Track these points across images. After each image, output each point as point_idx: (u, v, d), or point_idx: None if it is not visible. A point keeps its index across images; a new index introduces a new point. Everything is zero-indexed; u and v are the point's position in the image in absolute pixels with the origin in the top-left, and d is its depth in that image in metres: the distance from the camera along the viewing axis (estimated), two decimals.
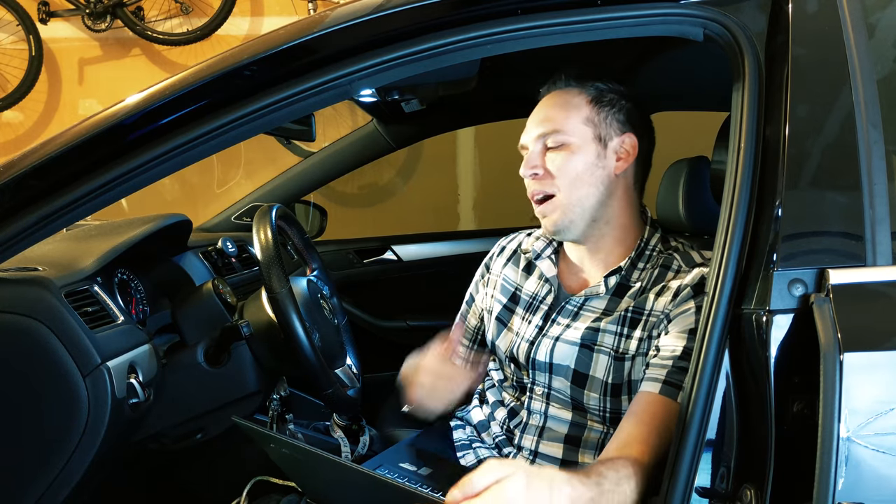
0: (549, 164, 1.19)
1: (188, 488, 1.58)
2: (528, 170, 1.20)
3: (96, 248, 1.32)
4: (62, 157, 0.98)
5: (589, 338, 1.18)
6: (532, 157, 1.20)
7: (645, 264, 1.21)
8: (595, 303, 1.21)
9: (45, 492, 1.07)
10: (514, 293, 1.34)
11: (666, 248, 1.23)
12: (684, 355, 1.07)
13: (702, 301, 1.05)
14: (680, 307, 1.12)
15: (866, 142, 0.89)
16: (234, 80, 0.99)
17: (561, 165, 1.18)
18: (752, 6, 0.99)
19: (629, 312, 1.17)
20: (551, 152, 1.19)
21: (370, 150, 2.27)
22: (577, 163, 1.18)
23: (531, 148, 1.21)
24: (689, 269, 1.16)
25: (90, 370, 1.07)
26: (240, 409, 1.30)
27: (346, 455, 1.35)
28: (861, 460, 0.79)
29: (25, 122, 3.75)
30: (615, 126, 1.21)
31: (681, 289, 1.13)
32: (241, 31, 3.60)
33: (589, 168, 1.18)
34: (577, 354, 1.18)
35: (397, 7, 0.98)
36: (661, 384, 1.07)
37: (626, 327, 1.17)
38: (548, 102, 1.23)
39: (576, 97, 1.21)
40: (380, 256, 2.46)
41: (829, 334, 0.79)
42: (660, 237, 1.25)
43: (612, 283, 1.20)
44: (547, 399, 1.23)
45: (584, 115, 1.20)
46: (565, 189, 1.18)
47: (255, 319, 1.28)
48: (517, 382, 1.29)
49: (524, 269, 1.35)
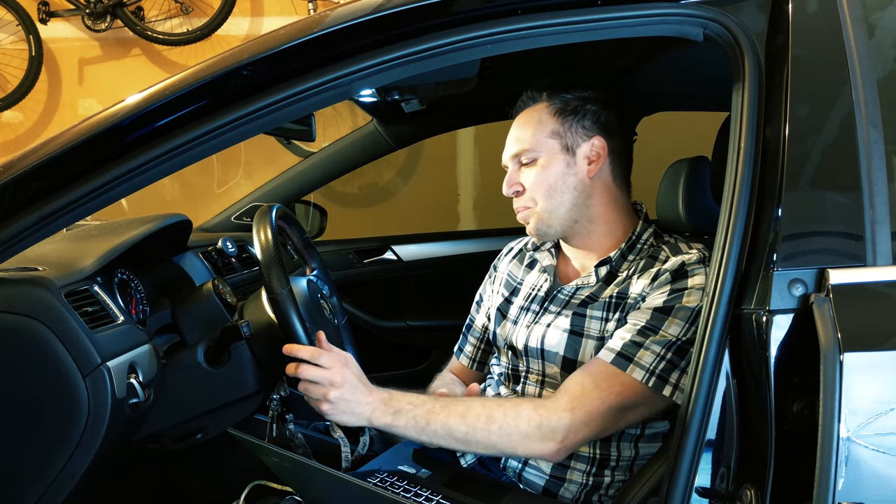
0: (525, 180, 1.28)
1: (188, 488, 1.58)
2: (508, 188, 1.30)
3: (96, 248, 1.32)
4: (62, 157, 0.98)
5: (577, 324, 1.23)
6: (511, 176, 1.30)
7: (635, 256, 1.26)
8: (585, 292, 1.26)
9: (46, 492, 1.07)
10: (515, 287, 1.40)
11: (658, 242, 1.27)
12: (644, 329, 1.12)
13: (680, 285, 1.14)
14: (656, 290, 1.16)
15: (866, 142, 0.89)
16: (234, 80, 0.99)
17: (535, 180, 1.26)
18: (752, 6, 0.99)
19: (613, 298, 1.22)
20: (525, 168, 1.28)
21: (370, 150, 2.27)
22: (549, 175, 1.26)
23: (510, 167, 1.31)
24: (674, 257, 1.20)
25: (90, 370, 1.07)
26: (240, 409, 1.30)
27: (346, 455, 1.35)
28: (861, 460, 0.79)
29: (25, 122, 3.75)
30: (580, 133, 1.27)
31: (660, 273, 1.18)
32: (241, 31, 3.59)
33: (561, 177, 1.26)
34: (567, 341, 1.22)
35: (397, 7, 0.98)
36: (613, 354, 1.12)
37: (609, 312, 1.21)
38: (518, 122, 1.32)
39: (542, 112, 1.29)
40: (380, 256, 2.45)
41: (829, 334, 0.79)
42: (653, 232, 1.29)
43: (602, 273, 1.26)
44: (541, 386, 1.27)
45: (549, 129, 1.27)
46: (542, 200, 1.27)
47: (255, 319, 1.28)
48: (513, 371, 1.34)
49: (527, 265, 1.42)
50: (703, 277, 1.14)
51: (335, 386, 1.11)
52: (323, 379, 1.11)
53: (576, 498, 1.21)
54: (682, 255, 1.19)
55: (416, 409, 1.13)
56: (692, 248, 1.21)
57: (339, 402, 1.11)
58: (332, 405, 1.11)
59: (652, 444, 1.20)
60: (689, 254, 1.19)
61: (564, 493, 1.21)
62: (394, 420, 1.12)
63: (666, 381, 1.10)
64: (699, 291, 1.13)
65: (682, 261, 1.17)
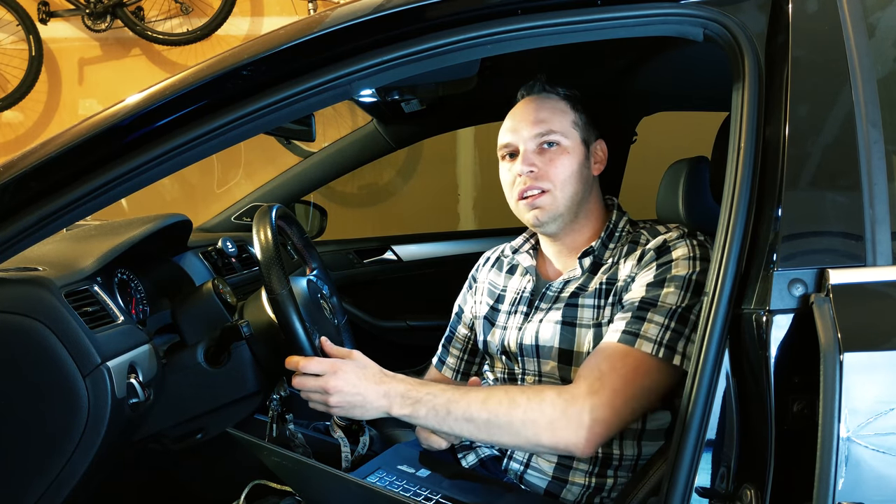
0: (545, 162, 1.25)
1: (188, 488, 1.58)
2: (525, 167, 1.24)
3: (96, 248, 1.32)
4: (62, 157, 0.98)
5: (569, 314, 1.23)
6: (528, 156, 1.25)
7: (615, 243, 1.28)
8: (573, 285, 1.27)
9: (46, 492, 1.07)
10: (499, 295, 1.41)
11: (635, 228, 1.30)
12: (643, 304, 1.13)
13: (666, 258, 1.16)
14: (644, 268, 1.18)
15: (866, 142, 0.89)
16: (234, 80, 0.98)
17: (557, 164, 1.24)
18: (752, 6, 0.99)
19: (603, 285, 1.23)
20: (545, 153, 1.25)
21: (370, 150, 2.27)
22: (572, 163, 1.25)
23: (525, 147, 1.26)
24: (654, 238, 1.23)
25: (90, 370, 1.07)
26: (240, 409, 1.30)
27: (346, 455, 1.35)
28: (861, 460, 0.79)
29: (25, 122, 3.75)
30: (592, 131, 1.30)
31: (645, 252, 1.20)
32: (241, 31, 3.60)
33: (579, 168, 1.26)
34: (560, 332, 1.22)
35: (397, 7, 0.98)
36: (619, 333, 1.12)
37: (601, 299, 1.22)
38: (534, 105, 1.28)
39: (559, 102, 1.29)
40: (380, 256, 2.46)
41: (829, 334, 0.79)
42: (627, 220, 1.33)
43: (586, 264, 1.27)
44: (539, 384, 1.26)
45: (571, 119, 1.27)
46: (559, 186, 1.24)
47: (255, 319, 1.28)
48: (509, 375, 1.33)
49: (507, 272, 1.43)
50: (686, 249, 1.16)
51: (330, 392, 1.09)
52: (315, 388, 1.10)
53: (578, 500, 1.20)
54: (663, 235, 1.22)
55: (435, 398, 1.10)
56: (670, 228, 1.24)
57: (344, 404, 1.10)
58: (339, 408, 1.10)
59: (654, 443, 1.19)
60: (669, 232, 1.22)
61: (566, 496, 1.21)
62: (413, 410, 1.10)
63: (674, 351, 1.09)
64: (686, 261, 1.15)
65: (663, 238, 1.20)
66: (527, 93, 1.32)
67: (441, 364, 1.53)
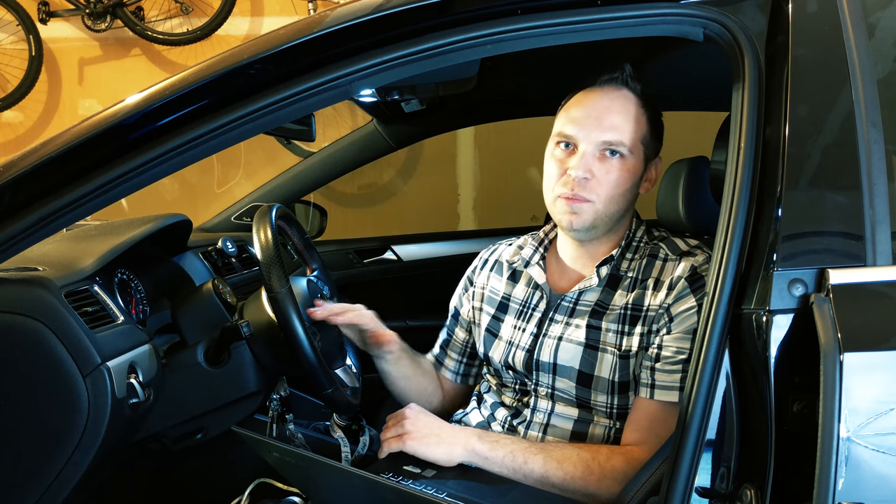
0: (600, 171, 1.17)
1: (188, 488, 1.58)
2: (581, 172, 1.16)
3: (96, 248, 1.32)
4: (62, 157, 0.98)
5: (593, 337, 1.19)
6: (587, 160, 1.16)
7: (633, 255, 1.24)
8: (589, 296, 1.23)
9: (45, 492, 1.07)
10: (501, 302, 1.36)
11: (651, 239, 1.26)
12: (684, 361, 1.10)
13: (701, 298, 1.09)
14: (680, 305, 1.14)
15: (866, 142, 0.89)
16: (235, 80, 0.99)
17: (613, 177, 1.17)
18: (752, 6, 0.99)
19: (628, 310, 1.19)
20: (606, 161, 1.17)
21: (370, 150, 2.26)
22: (627, 180, 1.18)
23: (586, 148, 1.17)
24: (677, 258, 1.19)
25: (90, 370, 1.07)
26: (240, 409, 1.30)
27: (346, 455, 1.35)
28: (861, 460, 0.79)
29: (25, 122, 3.75)
30: (654, 147, 1.24)
31: (674, 282, 1.16)
32: (241, 31, 3.60)
33: (632, 186, 1.21)
34: (583, 355, 1.19)
35: (397, 7, 0.98)
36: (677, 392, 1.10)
37: (626, 325, 1.18)
38: (607, 104, 1.19)
39: (636, 108, 1.20)
40: (380, 256, 2.45)
41: (829, 334, 0.79)
42: (644, 229, 1.28)
43: (603, 273, 1.22)
44: (552, 399, 1.24)
45: (642, 134, 1.20)
46: (605, 201, 1.18)
47: (255, 319, 1.28)
48: (519, 387, 1.30)
49: (509, 277, 1.37)
50: None
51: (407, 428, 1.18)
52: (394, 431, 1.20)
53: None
54: (689, 258, 1.17)
55: (513, 444, 1.15)
56: (692, 248, 1.20)
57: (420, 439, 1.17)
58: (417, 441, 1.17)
59: None
60: (694, 255, 1.18)
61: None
62: (491, 451, 1.15)
63: None
64: None
65: (691, 265, 1.15)
66: (605, 83, 1.21)
67: (439, 366, 1.50)
